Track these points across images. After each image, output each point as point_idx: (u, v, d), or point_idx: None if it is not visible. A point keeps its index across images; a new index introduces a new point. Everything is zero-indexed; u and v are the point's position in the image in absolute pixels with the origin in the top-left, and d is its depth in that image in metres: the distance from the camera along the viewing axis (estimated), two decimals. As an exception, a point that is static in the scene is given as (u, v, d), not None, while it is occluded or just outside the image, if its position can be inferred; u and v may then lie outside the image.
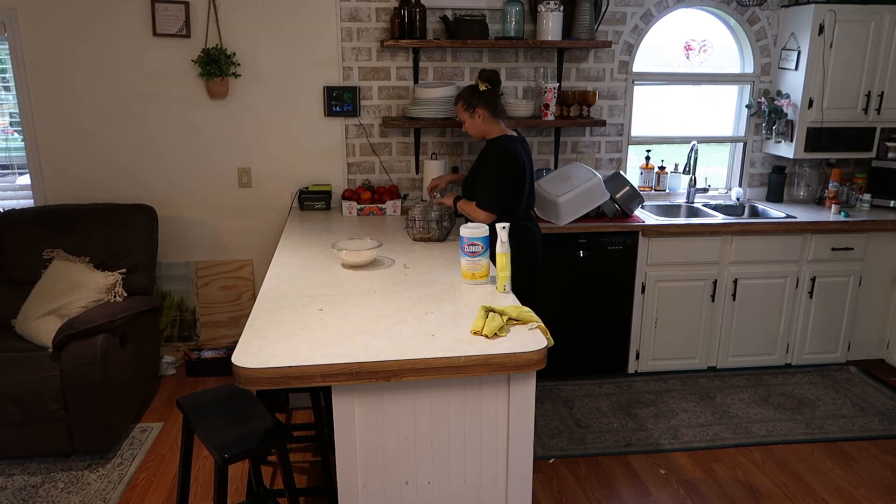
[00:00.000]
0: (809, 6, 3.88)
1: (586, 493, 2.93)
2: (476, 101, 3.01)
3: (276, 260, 2.87)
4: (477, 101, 3.01)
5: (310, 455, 3.22)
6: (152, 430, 3.36)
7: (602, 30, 4.00)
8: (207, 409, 2.27)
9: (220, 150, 3.91)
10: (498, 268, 2.40)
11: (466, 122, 3.09)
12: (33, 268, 3.50)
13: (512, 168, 2.97)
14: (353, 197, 3.84)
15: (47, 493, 2.87)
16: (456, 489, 2.06)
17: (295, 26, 3.79)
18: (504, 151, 2.98)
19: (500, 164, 2.97)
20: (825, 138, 4.06)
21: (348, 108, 3.91)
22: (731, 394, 3.77)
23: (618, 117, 4.17)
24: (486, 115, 3.02)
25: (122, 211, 3.67)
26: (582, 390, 3.81)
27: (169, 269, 4.01)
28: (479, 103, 3.01)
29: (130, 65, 3.73)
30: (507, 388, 2.00)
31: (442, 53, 3.93)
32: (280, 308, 2.28)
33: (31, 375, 2.98)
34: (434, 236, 3.14)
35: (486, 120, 3.03)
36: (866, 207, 4.18)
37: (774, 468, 3.12)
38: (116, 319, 3.17)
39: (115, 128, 3.80)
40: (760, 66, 4.22)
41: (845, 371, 4.07)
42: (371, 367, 1.87)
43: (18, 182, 3.94)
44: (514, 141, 3.03)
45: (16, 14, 3.58)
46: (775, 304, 3.96)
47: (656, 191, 4.37)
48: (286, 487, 2.16)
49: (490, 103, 3.01)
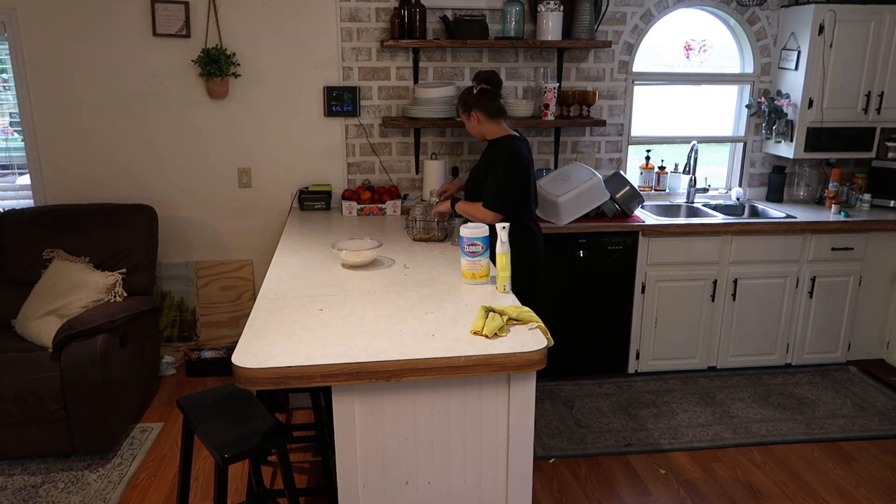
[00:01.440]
0: (809, 6, 3.88)
1: (586, 493, 2.93)
2: (472, 103, 3.00)
3: (276, 260, 2.87)
4: (473, 103, 3.00)
5: (310, 455, 3.22)
6: (152, 430, 3.36)
7: (602, 30, 4.00)
8: (207, 409, 2.27)
9: (220, 150, 3.91)
10: (498, 268, 2.41)
11: (466, 123, 3.09)
12: (33, 268, 3.50)
13: (518, 168, 2.96)
14: (353, 197, 3.84)
15: (47, 493, 2.87)
16: (456, 489, 2.06)
17: (295, 26, 3.79)
18: (510, 151, 2.97)
19: (507, 164, 2.95)
20: (825, 138, 4.06)
21: (348, 108, 3.91)
22: (731, 394, 3.77)
23: (618, 117, 4.17)
24: (481, 116, 3.01)
25: (122, 211, 3.67)
26: (582, 390, 3.81)
27: (169, 269, 4.01)
28: (475, 105, 2.99)
29: (130, 65, 3.73)
30: (507, 388, 2.00)
31: (442, 53, 3.93)
32: (280, 308, 2.28)
33: (31, 375, 2.98)
34: (435, 236, 3.15)
35: (482, 121, 3.02)
36: (866, 207, 4.18)
37: (774, 468, 3.12)
38: (116, 319, 3.16)
39: (115, 128, 3.80)
40: (760, 66, 4.22)
41: (845, 371, 4.07)
42: (371, 367, 1.87)
43: (18, 182, 3.94)
44: (518, 141, 3.03)
45: (16, 14, 3.58)
46: (775, 304, 3.96)
47: (656, 191, 4.37)
48: (286, 487, 2.16)
49: (486, 105, 2.99)
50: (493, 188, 2.94)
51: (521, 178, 2.96)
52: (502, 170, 2.94)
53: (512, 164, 2.95)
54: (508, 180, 2.94)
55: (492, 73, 3.01)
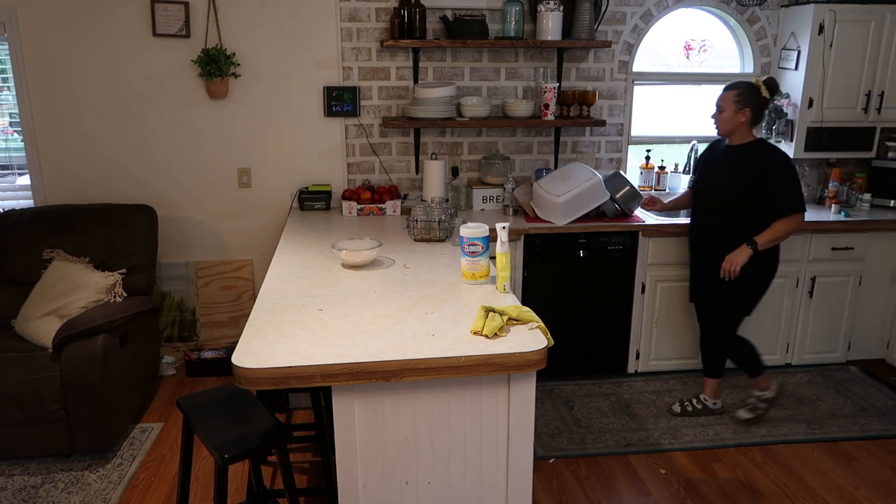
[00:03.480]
0: (809, 6, 3.88)
1: (586, 493, 2.93)
2: (752, 101, 3.05)
3: (276, 260, 2.87)
4: (754, 101, 3.05)
5: (310, 455, 3.22)
6: (152, 431, 3.36)
7: (602, 30, 4.00)
8: (207, 409, 2.27)
9: (220, 151, 3.91)
10: (498, 268, 2.41)
11: (726, 112, 3.11)
12: (33, 268, 3.50)
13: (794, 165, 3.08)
14: (353, 197, 3.84)
15: (47, 493, 2.87)
16: (456, 489, 2.06)
17: (295, 26, 3.79)
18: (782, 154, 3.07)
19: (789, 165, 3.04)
20: (825, 138, 4.06)
21: (348, 108, 3.91)
22: (731, 393, 3.77)
23: (618, 117, 4.17)
24: (749, 117, 3.07)
25: (122, 211, 3.67)
26: (582, 390, 3.81)
27: (169, 269, 4.01)
28: (753, 104, 3.06)
29: (130, 65, 3.73)
30: (507, 388, 2.00)
31: (442, 53, 3.93)
32: (280, 308, 2.28)
33: (31, 376, 2.98)
34: (435, 237, 3.15)
35: (746, 122, 3.09)
36: (866, 207, 4.18)
37: (774, 468, 3.12)
38: (116, 319, 3.17)
39: (114, 128, 3.80)
40: (760, 65, 4.22)
41: (845, 371, 4.07)
42: (371, 367, 1.87)
43: (18, 182, 3.94)
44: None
45: (16, 14, 3.58)
46: (775, 303, 3.96)
47: (656, 191, 4.37)
48: (286, 487, 2.16)
49: (759, 110, 3.07)
50: (788, 192, 3.02)
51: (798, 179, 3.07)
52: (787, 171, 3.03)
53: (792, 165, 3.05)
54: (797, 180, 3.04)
55: (777, 85, 3.12)
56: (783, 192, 3.02)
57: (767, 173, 3.02)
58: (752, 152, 3.08)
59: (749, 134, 3.11)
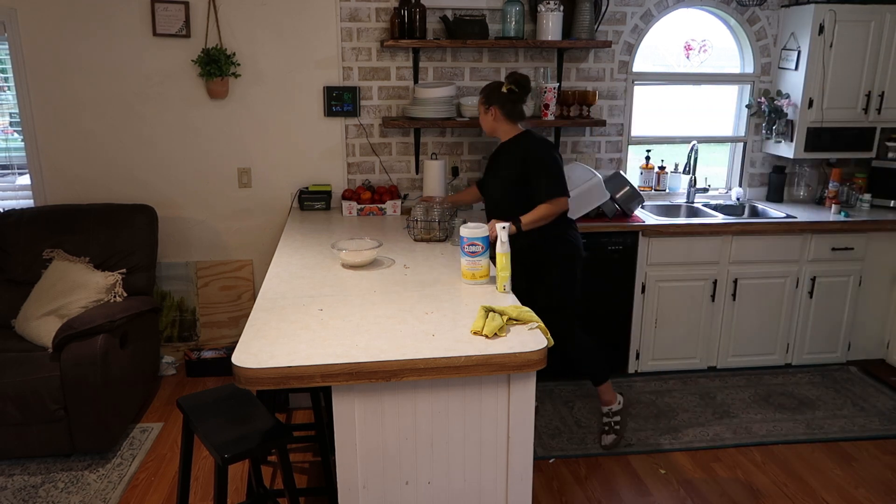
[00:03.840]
0: (809, 6, 3.88)
1: (586, 493, 2.93)
2: (494, 99, 3.05)
3: (276, 260, 2.87)
4: (495, 99, 3.05)
5: (310, 455, 3.22)
6: (152, 431, 3.36)
7: (602, 30, 4.00)
8: (207, 409, 2.27)
9: (220, 151, 3.91)
10: (498, 268, 2.41)
11: (481, 115, 3.14)
12: (33, 268, 3.50)
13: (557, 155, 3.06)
14: (353, 197, 3.84)
15: (47, 493, 2.87)
16: (456, 489, 2.06)
17: (295, 26, 3.79)
18: (542, 141, 3.07)
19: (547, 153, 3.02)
20: (825, 138, 4.06)
21: (348, 108, 3.91)
22: (731, 394, 3.77)
23: (618, 117, 4.17)
24: (498, 114, 3.06)
25: (122, 211, 3.67)
26: (582, 390, 3.81)
27: (169, 269, 4.01)
28: (496, 102, 3.05)
29: (130, 65, 3.73)
30: (507, 388, 2.00)
31: (442, 53, 3.93)
32: (280, 308, 2.28)
33: (31, 375, 2.98)
34: (435, 237, 3.15)
35: (497, 119, 3.07)
36: (866, 207, 4.18)
37: (774, 468, 3.12)
38: (116, 319, 3.17)
39: (115, 128, 3.80)
40: (760, 65, 4.22)
41: (845, 371, 4.07)
42: (371, 367, 1.87)
43: (18, 182, 3.94)
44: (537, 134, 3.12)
45: (16, 14, 3.58)
46: (775, 304, 3.96)
47: (656, 191, 4.37)
48: (286, 487, 2.16)
49: (507, 105, 3.04)
50: (545, 179, 2.99)
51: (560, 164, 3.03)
52: (545, 158, 3.00)
53: (552, 152, 3.04)
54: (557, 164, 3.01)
55: (525, 78, 3.05)
56: (543, 177, 3.00)
57: (527, 160, 3.02)
58: (516, 144, 3.09)
59: (513, 128, 3.10)
